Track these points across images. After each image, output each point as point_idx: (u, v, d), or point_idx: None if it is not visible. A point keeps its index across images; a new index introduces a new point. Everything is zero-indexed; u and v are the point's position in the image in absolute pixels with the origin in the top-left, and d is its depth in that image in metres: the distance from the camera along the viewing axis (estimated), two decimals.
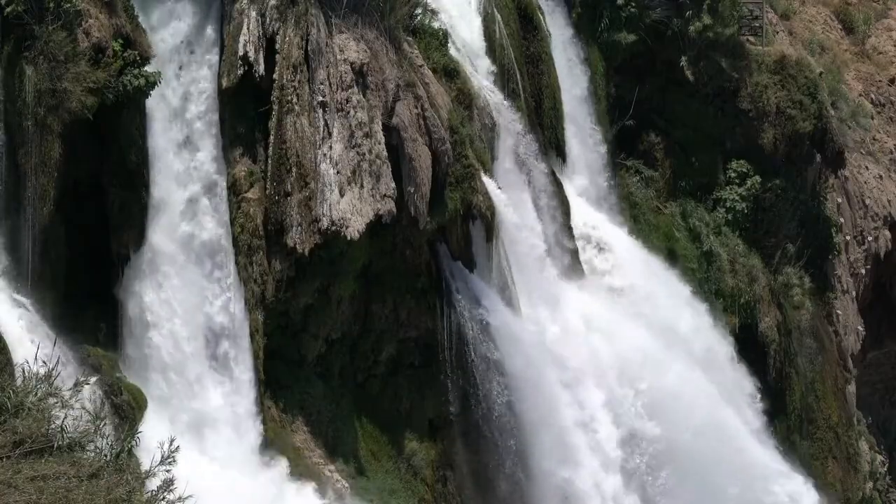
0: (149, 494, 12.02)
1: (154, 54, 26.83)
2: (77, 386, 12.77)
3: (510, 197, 34.26)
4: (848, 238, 47.02)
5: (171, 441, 12.12)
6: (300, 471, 29.18)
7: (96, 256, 26.91)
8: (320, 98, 29.29)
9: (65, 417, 13.03)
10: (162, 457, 11.85)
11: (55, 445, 12.50)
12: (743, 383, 40.19)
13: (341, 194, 29.15)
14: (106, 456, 12.49)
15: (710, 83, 42.84)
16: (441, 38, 33.60)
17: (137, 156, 26.73)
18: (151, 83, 26.30)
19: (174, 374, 27.77)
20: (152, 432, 22.33)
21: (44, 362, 13.37)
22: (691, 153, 42.78)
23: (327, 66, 29.45)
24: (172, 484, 11.84)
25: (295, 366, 30.35)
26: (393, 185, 29.93)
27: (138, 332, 27.33)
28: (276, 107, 28.91)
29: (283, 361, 30.02)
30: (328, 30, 29.85)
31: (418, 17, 33.06)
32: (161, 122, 27.74)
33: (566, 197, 37.10)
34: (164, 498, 11.51)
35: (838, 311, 46.01)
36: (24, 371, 13.15)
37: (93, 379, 24.04)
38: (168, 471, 12.07)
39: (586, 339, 35.57)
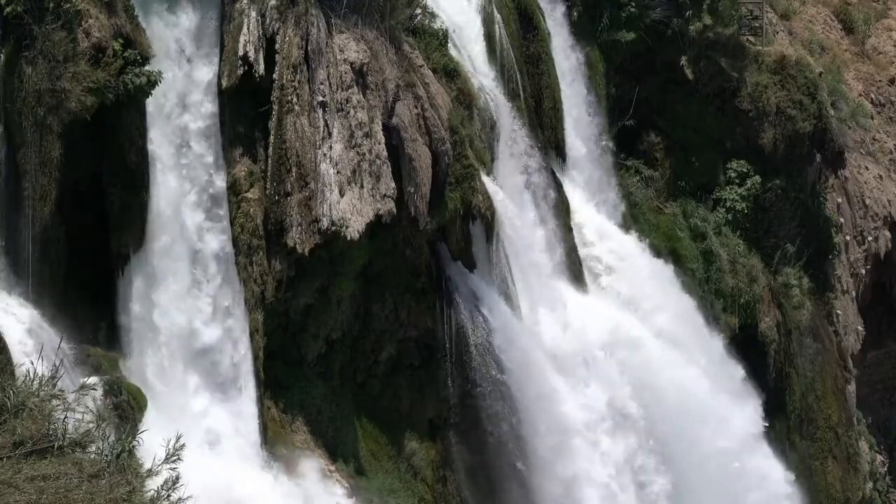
0: (152, 492, 11.99)
1: (154, 54, 26.80)
2: (83, 389, 12.74)
3: (510, 197, 34.25)
4: (848, 238, 47.02)
5: (178, 438, 12.08)
6: (300, 471, 29.19)
7: (96, 256, 26.88)
8: (320, 98, 29.28)
9: (65, 418, 13.01)
10: (166, 455, 11.81)
11: (56, 446, 12.48)
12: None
13: (341, 194, 29.13)
14: (107, 456, 12.48)
15: (710, 83, 42.85)
16: (441, 38, 33.59)
17: (137, 156, 26.70)
18: (152, 82, 26.27)
19: (174, 373, 27.75)
20: (152, 433, 22.30)
21: (55, 365, 13.33)
22: (691, 153, 42.78)
23: (327, 66, 29.43)
24: (178, 481, 11.81)
25: (295, 366, 30.34)
26: (393, 185, 29.92)
27: (138, 332, 27.30)
28: (276, 107, 28.89)
29: (283, 361, 30.00)
30: (328, 30, 29.84)
31: (418, 18, 33.05)
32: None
33: (566, 197, 37.08)
34: (167, 496, 11.49)
35: (838, 311, 46.01)
36: (28, 372, 13.11)
37: (94, 380, 24.04)
38: (173, 469, 12.04)
39: (586, 339, 35.55)
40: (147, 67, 26.31)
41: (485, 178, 33.12)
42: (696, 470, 36.81)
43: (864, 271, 48.09)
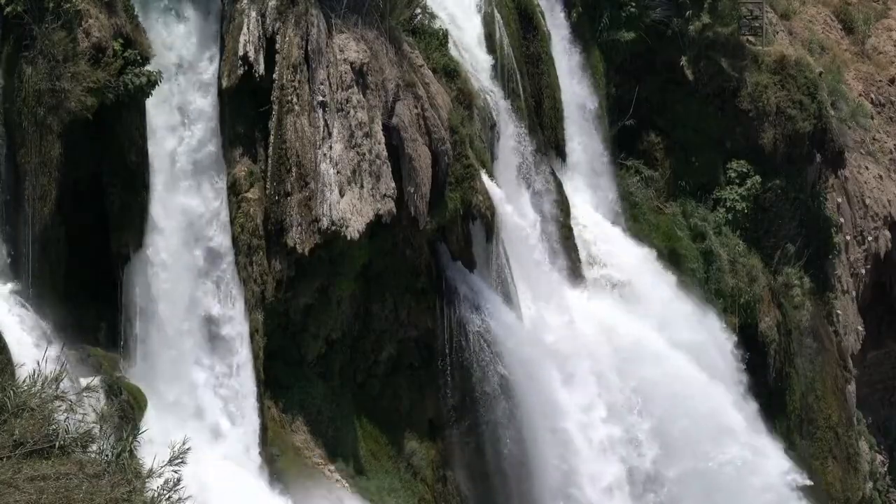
0: (153, 493, 11.99)
1: (154, 54, 26.80)
2: (87, 391, 12.75)
3: (510, 197, 34.25)
4: (848, 238, 47.02)
5: (184, 442, 12.09)
6: (299, 472, 29.19)
7: (96, 256, 26.87)
8: (320, 98, 29.28)
9: (66, 419, 13.02)
10: (171, 457, 11.82)
11: (56, 446, 12.48)
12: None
13: (341, 194, 29.13)
14: (107, 456, 12.48)
15: (710, 83, 42.84)
16: (441, 38, 33.59)
17: (137, 156, 26.70)
18: (153, 82, 26.26)
19: (174, 373, 27.75)
20: (152, 432, 22.31)
21: (57, 366, 13.32)
22: (691, 153, 42.78)
23: (327, 66, 29.43)
24: (179, 483, 11.82)
25: (295, 366, 30.33)
26: (393, 185, 29.91)
27: (138, 332, 27.29)
28: (276, 107, 28.89)
29: (283, 361, 30.00)
30: (328, 30, 29.84)
31: (418, 18, 33.05)
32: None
33: (566, 197, 37.09)
34: (168, 497, 11.50)
35: (838, 311, 46.00)
36: (33, 372, 13.11)
37: (95, 380, 24.03)
38: (176, 471, 12.05)
39: (585, 338, 35.55)
40: (147, 67, 26.30)
41: (485, 178, 33.11)
42: (699, 465, 36.86)
43: (864, 271, 48.10)
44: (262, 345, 28.90)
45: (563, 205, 36.77)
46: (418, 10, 33.01)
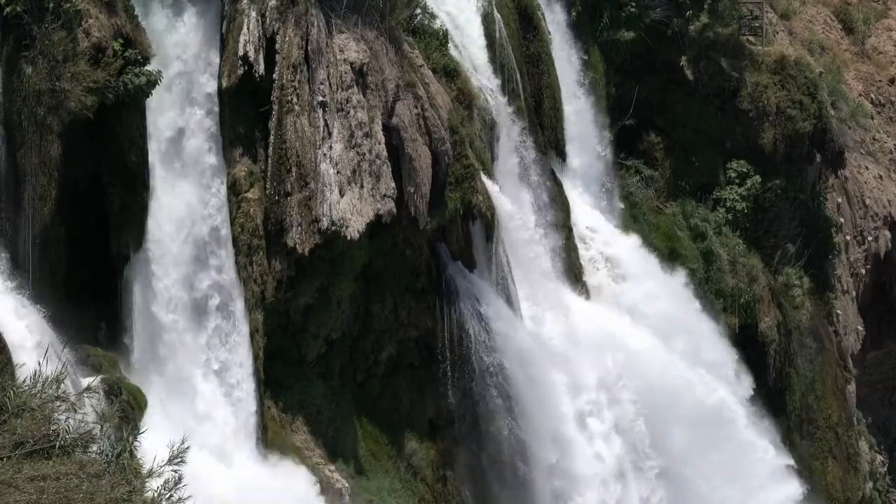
0: (153, 493, 12.00)
1: (154, 53, 26.80)
2: (89, 391, 12.76)
3: (510, 197, 34.26)
4: (848, 238, 47.02)
5: (182, 441, 12.11)
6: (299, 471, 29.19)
7: (96, 256, 26.87)
8: (320, 98, 29.28)
9: (66, 419, 13.02)
10: (170, 456, 11.84)
11: (57, 446, 12.48)
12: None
13: (341, 194, 29.14)
14: (107, 456, 12.48)
15: (710, 83, 42.85)
16: (441, 38, 33.60)
17: (137, 156, 26.70)
18: (153, 82, 26.27)
19: (174, 373, 27.75)
20: (153, 432, 22.30)
21: (59, 367, 13.32)
22: (691, 153, 42.78)
23: (327, 66, 29.44)
24: (181, 481, 11.83)
25: (295, 366, 30.35)
26: (393, 185, 29.92)
27: (138, 331, 27.29)
28: (276, 107, 28.90)
29: (283, 361, 30.01)
30: (328, 30, 29.84)
31: (418, 18, 33.06)
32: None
33: (566, 197, 37.09)
34: (169, 496, 11.51)
35: (838, 311, 46.00)
36: (35, 373, 13.11)
37: (95, 380, 24.03)
38: (176, 471, 12.06)
39: (585, 339, 35.55)
40: (147, 67, 26.30)
41: (485, 178, 33.12)
42: (695, 465, 36.90)
43: (864, 271, 48.10)
44: (262, 345, 28.91)
45: (562, 205, 36.76)
46: (418, 10, 33.02)
